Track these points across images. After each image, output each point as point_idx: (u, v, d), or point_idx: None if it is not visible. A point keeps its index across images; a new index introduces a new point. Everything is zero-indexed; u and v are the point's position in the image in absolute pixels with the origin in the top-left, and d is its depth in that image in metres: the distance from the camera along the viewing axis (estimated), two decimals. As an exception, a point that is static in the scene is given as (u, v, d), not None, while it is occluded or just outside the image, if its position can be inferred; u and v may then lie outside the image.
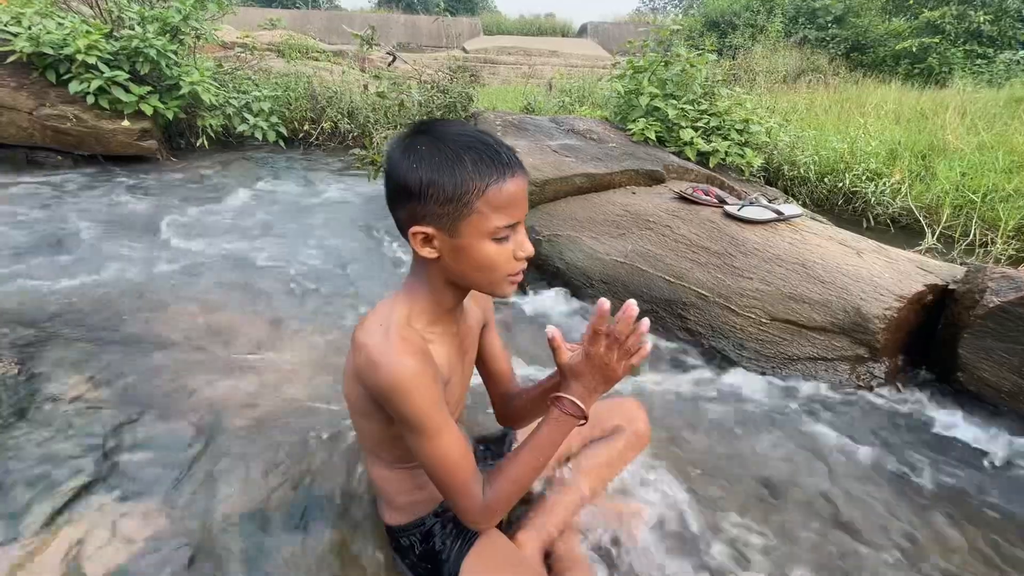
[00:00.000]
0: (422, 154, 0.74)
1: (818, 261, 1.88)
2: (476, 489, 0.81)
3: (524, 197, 0.77)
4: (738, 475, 1.32)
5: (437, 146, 0.73)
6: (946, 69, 8.88)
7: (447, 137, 0.74)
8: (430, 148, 0.74)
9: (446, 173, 0.72)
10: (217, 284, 2.22)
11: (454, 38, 14.78)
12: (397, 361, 0.75)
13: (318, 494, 1.17)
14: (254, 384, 1.54)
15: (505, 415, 1.09)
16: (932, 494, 1.30)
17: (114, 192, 3.38)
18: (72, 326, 1.77)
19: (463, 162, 0.72)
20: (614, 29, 17.13)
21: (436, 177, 0.73)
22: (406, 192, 0.75)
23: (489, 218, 0.74)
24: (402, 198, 0.76)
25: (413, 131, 0.77)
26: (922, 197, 3.33)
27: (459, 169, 0.72)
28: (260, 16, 9.48)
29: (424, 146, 0.74)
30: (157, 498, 1.13)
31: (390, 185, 0.78)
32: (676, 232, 2.13)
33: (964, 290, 1.67)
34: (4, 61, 3.62)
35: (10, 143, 3.77)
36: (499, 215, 0.74)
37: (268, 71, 5.54)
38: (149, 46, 3.76)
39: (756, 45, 9.81)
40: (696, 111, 3.25)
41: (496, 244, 0.76)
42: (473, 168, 0.73)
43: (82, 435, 1.28)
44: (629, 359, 0.78)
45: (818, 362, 1.71)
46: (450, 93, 4.02)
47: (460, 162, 0.72)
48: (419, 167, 0.73)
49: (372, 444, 0.93)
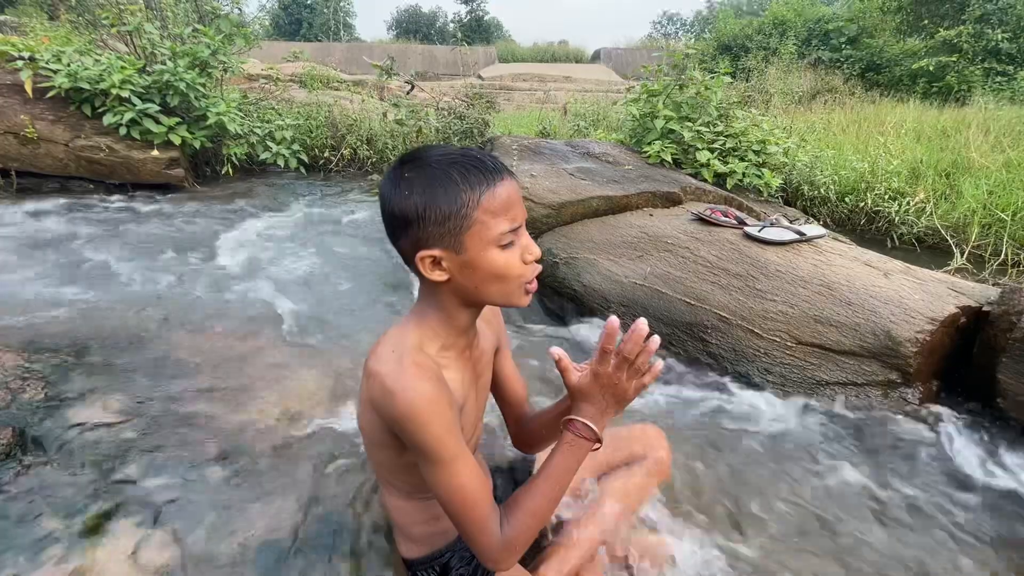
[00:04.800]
0: (411, 181, 0.75)
1: (844, 283, 1.83)
2: (494, 525, 0.78)
3: (519, 200, 0.78)
4: (766, 507, 1.27)
5: (424, 170, 0.75)
6: (965, 87, 8.79)
7: (431, 160, 0.75)
8: (417, 174, 0.75)
9: (439, 192, 0.73)
10: (240, 308, 2.25)
11: (470, 66, 15.15)
12: (412, 387, 0.74)
13: (335, 524, 1.15)
14: (274, 410, 1.54)
15: (521, 439, 1.07)
16: (973, 535, 1.22)
17: (141, 219, 3.49)
18: (98, 350, 1.80)
19: (452, 178, 0.73)
20: (627, 54, 17.41)
21: (430, 199, 0.74)
22: (404, 221, 0.76)
23: (490, 225, 0.74)
24: (402, 228, 0.77)
25: (398, 164, 0.78)
26: (948, 216, 3.25)
27: (450, 185, 0.73)
28: (284, 49, 9.87)
29: (411, 173, 0.75)
30: (176, 527, 1.13)
31: (388, 220, 0.78)
32: (696, 254, 2.11)
33: (1000, 312, 1.61)
34: (44, 96, 3.80)
35: (46, 173, 3.94)
36: (499, 220, 0.75)
37: (291, 101, 5.73)
38: (180, 79, 3.92)
39: (769, 67, 9.84)
40: (712, 133, 3.25)
41: (503, 251, 0.76)
42: (463, 181, 0.73)
43: (103, 462, 1.29)
44: (640, 378, 0.77)
45: (848, 387, 1.66)
46: (467, 119, 4.10)
47: (449, 178, 0.73)
48: (411, 194, 0.74)
49: (387, 474, 0.92)
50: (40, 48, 3.96)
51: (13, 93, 3.86)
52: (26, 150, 3.83)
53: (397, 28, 33.16)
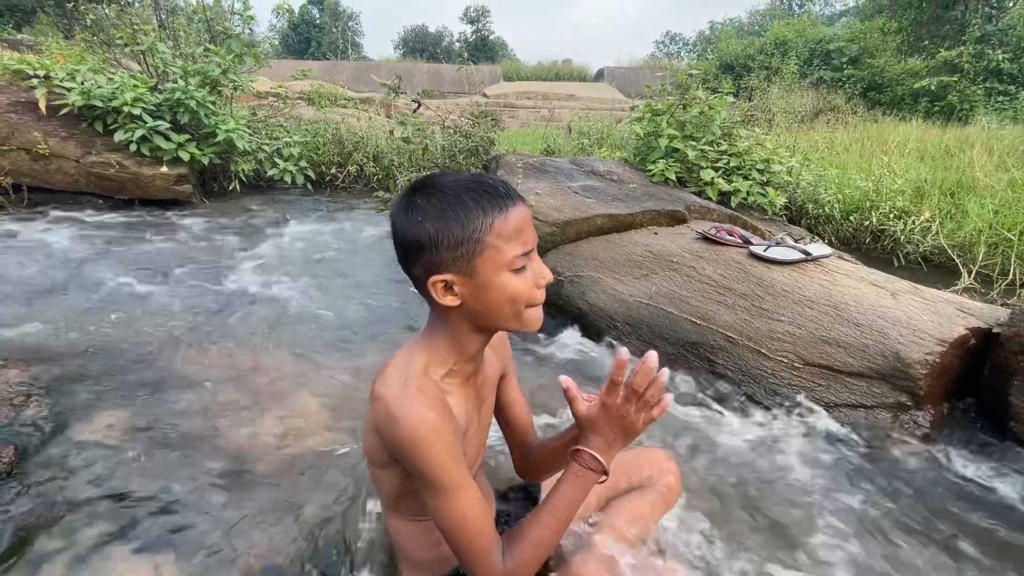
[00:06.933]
0: (423, 207, 0.75)
1: (851, 303, 1.82)
2: (495, 557, 0.77)
3: (530, 225, 0.78)
4: (775, 530, 1.24)
5: (435, 196, 0.75)
6: (967, 107, 8.84)
7: (443, 186, 0.76)
8: (429, 200, 0.75)
9: (451, 218, 0.74)
10: (244, 324, 2.25)
11: (475, 84, 15.38)
12: (415, 413, 0.73)
13: (338, 547, 1.13)
14: (278, 428, 1.53)
15: (525, 468, 1.06)
16: (983, 559, 1.19)
17: (149, 234, 3.52)
18: (102, 366, 1.80)
19: (464, 203, 0.74)
20: (630, 74, 17.64)
21: (442, 224, 0.74)
22: (417, 247, 0.76)
23: (502, 250, 0.75)
24: (415, 254, 0.77)
25: (409, 191, 0.79)
26: (954, 235, 3.24)
27: (462, 210, 0.74)
28: (293, 67, 10.04)
29: (423, 199, 0.76)
30: (177, 549, 1.11)
31: (400, 246, 0.79)
32: (701, 273, 2.10)
33: (1011, 333, 1.59)
34: (57, 113, 3.87)
35: (56, 188, 3.99)
36: (511, 245, 0.75)
37: (298, 118, 5.81)
38: (190, 98, 3.99)
39: (771, 87, 9.94)
40: (716, 152, 3.27)
41: (515, 275, 0.76)
42: (475, 206, 0.74)
43: (105, 481, 1.28)
44: (649, 411, 0.76)
45: (857, 409, 1.63)
46: (472, 137, 4.14)
47: (461, 204, 0.74)
48: (424, 220, 0.75)
49: (391, 497, 0.91)
50: (55, 66, 4.05)
51: (27, 111, 3.93)
52: (38, 166, 3.89)
53: (404, 47, 33.79)
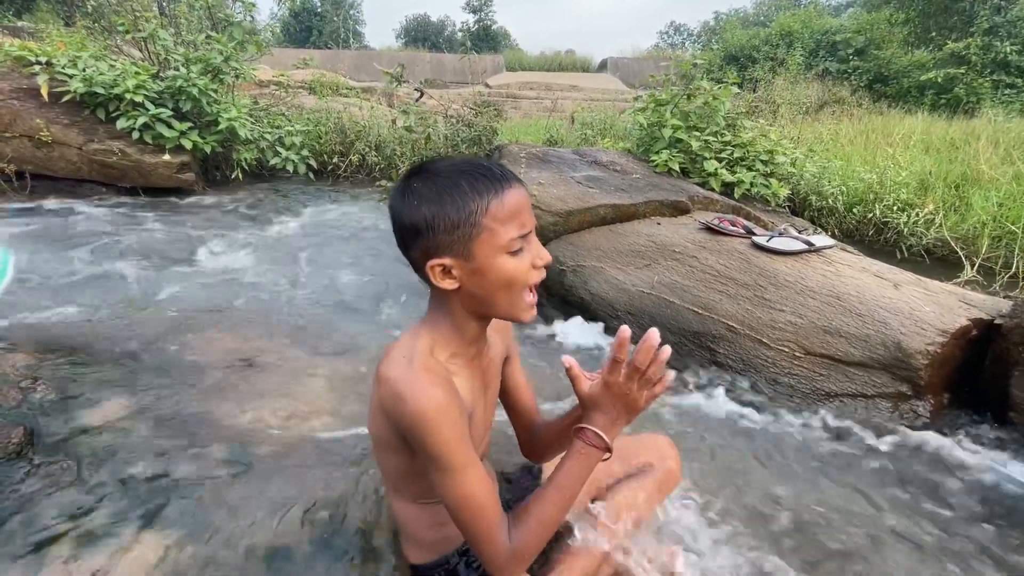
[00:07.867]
0: (420, 191, 0.76)
1: (853, 294, 1.82)
2: (502, 535, 0.78)
3: (528, 206, 0.78)
4: (774, 519, 1.25)
5: (432, 180, 0.76)
6: (973, 99, 8.77)
7: (438, 170, 0.77)
8: (425, 184, 0.76)
9: (447, 201, 0.74)
10: (248, 311, 2.26)
11: (478, 74, 15.27)
12: (423, 392, 0.74)
13: (342, 528, 1.15)
14: (282, 412, 1.54)
15: (530, 448, 1.08)
16: (983, 550, 1.20)
17: (152, 222, 3.53)
18: (109, 352, 1.81)
19: (460, 186, 0.74)
20: (634, 64, 17.49)
21: (438, 208, 0.74)
22: (414, 231, 0.76)
23: (499, 232, 0.75)
24: (412, 238, 0.77)
25: (406, 176, 0.79)
26: (958, 228, 3.24)
27: (458, 193, 0.74)
28: (295, 56, 9.98)
29: (419, 184, 0.76)
30: (183, 529, 1.13)
31: (398, 230, 0.79)
32: (704, 263, 2.10)
33: (1012, 325, 1.59)
34: (59, 100, 3.86)
35: (59, 176, 3.99)
36: (508, 227, 0.75)
37: (300, 107, 5.79)
38: (192, 85, 3.98)
39: (776, 78, 9.86)
40: (719, 142, 3.25)
41: (512, 257, 0.77)
42: (471, 189, 0.74)
43: (111, 463, 1.29)
44: (651, 389, 0.77)
45: (857, 399, 1.64)
46: (475, 127, 4.12)
47: (457, 187, 0.74)
48: (420, 204, 0.75)
49: (395, 478, 0.92)
50: (56, 53, 4.03)
51: (29, 98, 3.92)
52: (40, 153, 3.89)
53: (406, 36, 33.50)
